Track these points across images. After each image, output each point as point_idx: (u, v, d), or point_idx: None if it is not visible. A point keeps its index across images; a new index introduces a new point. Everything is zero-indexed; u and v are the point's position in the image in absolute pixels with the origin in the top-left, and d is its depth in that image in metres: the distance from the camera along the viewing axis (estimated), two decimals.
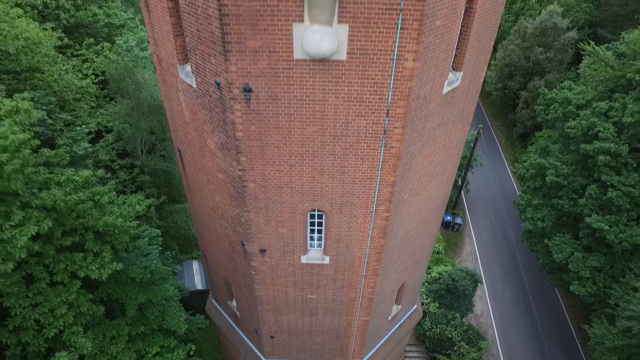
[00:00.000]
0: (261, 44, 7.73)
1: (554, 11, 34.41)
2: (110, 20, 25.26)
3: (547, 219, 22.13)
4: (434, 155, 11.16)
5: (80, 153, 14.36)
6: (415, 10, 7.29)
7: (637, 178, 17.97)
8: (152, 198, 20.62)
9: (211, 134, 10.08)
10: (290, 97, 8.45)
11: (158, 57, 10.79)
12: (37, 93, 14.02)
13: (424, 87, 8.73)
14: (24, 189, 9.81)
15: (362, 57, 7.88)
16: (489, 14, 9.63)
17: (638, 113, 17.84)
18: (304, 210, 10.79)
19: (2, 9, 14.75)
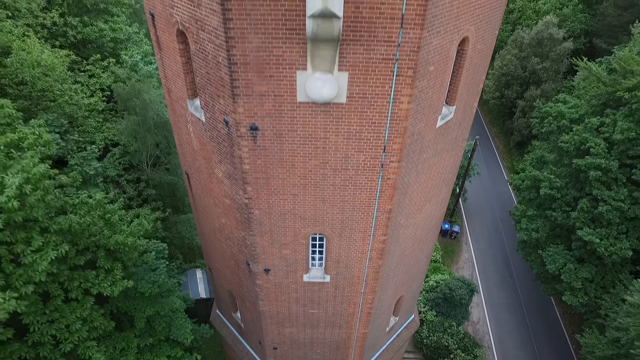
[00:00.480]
0: (267, 89, 8.37)
1: (550, 22, 35.03)
2: (116, 35, 25.90)
3: (541, 229, 22.79)
4: (429, 181, 11.81)
5: (91, 173, 15.01)
6: (409, 60, 7.94)
7: (626, 193, 18.63)
8: (158, 211, 21.31)
9: (219, 164, 10.72)
10: (294, 135, 9.09)
11: (168, 89, 11.43)
12: (51, 116, 14.67)
13: (418, 124, 9.37)
14: (43, 216, 10.46)
15: (361, 101, 8.53)
16: (481, 53, 10.27)
17: (627, 130, 18.48)
18: (306, 234, 11.44)
19: (17, 33, 15.39)
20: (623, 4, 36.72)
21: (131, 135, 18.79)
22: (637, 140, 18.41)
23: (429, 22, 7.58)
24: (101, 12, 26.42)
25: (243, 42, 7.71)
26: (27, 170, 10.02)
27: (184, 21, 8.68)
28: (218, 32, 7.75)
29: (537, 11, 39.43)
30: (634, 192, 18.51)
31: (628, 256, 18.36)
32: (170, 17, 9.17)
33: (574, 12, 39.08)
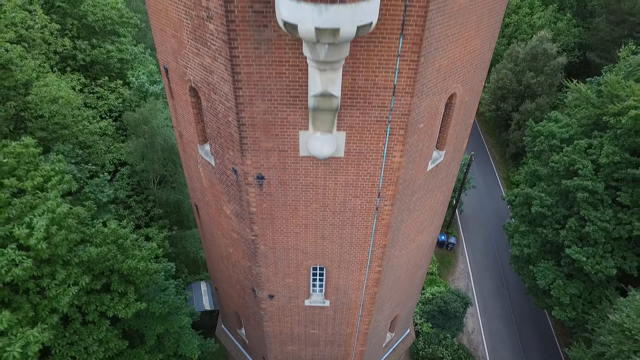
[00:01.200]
0: (272, 145, 9.30)
1: (544, 37, 35.92)
2: (123, 55, 26.81)
3: (532, 245, 23.73)
4: (421, 216, 12.73)
5: (104, 200, 15.94)
6: (401, 122, 8.86)
7: (611, 214, 19.55)
8: (165, 229, 22.24)
9: (227, 203, 11.65)
10: (297, 183, 10.02)
11: (179, 132, 12.35)
12: (66, 147, 15.59)
13: (410, 171, 10.30)
14: (66, 252, 11.38)
15: (357, 155, 9.46)
16: (468, 104, 11.19)
17: (612, 154, 19.40)
18: (307, 265, 12.37)
19: (34, 66, 16.31)
20: (615, 19, 37.61)
21: (139, 157, 19.72)
22: (621, 163, 19.34)
23: (419, 89, 8.51)
24: (108, 34, 27.35)
25: (251, 106, 8.64)
26: (52, 211, 10.95)
27: (197, 81, 9.60)
28: (229, 96, 8.67)
29: (532, 25, 40.32)
30: (618, 213, 19.43)
31: (612, 274, 19.29)
32: (183, 75, 10.08)
33: (567, 26, 39.99)
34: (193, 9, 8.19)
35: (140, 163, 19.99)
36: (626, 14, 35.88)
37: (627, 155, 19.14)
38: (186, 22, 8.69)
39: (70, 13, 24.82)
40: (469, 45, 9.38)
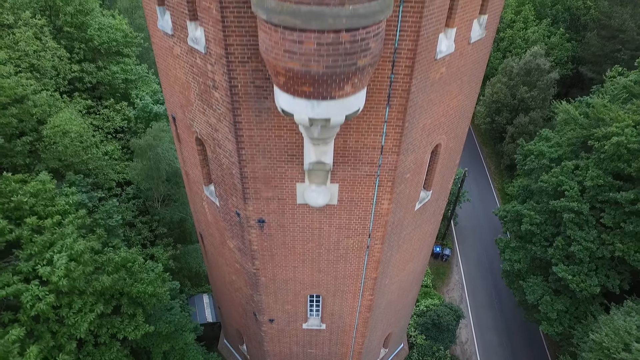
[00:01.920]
0: (272, 195, 10.25)
1: (537, 52, 36.84)
2: (127, 76, 27.73)
3: (522, 260, 24.67)
4: (410, 247, 13.68)
5: (113, 225, 16.88)
6: (388, 175, 9.81)
7: (595, 234, 20.49)
8: (169, 247, 23.19)
9: (230, 239, 12.60)
10: (294, 226, 10.97)
11: (186, 172, 13.29)
12: (77, 177, 16.53)
13: (398, 214, 11.24)
14: (83, 284, 12.33)
15: (349, 203, 10.40)
16: (453, 148, 12.12)
17: (596, 178, 20.34)
18: (305, 294, 13.33)
19: (45, 98, 17.26)
20: (606, 34, 38.51)
21: (145, 178, 20.67)
22: (605, 186, 20.26)
23: (404, 148, 9.45)
24: (113, 54, 28.24)
25: (253, 162, 9.59)
26: (71, 247, 11.90)
27: (203, 134, 10.54)
28: (232, 153, 9.62)
29: (526, 40, 41.22)
30: (602, 234, 20.36)
31: (596, 292, 20.23)
32: (190, 126, 11.02)
33: (560, 41, 40.89)
34: (200, 76, 9.12)
35: (145, 184, 20.94)
36: (616, 30, 36.79)
37: (610, 179, 20.07)
38: (194, 85, 9.62)
39: (78, 37, 25.73)
40: (452, 102, 10.32)
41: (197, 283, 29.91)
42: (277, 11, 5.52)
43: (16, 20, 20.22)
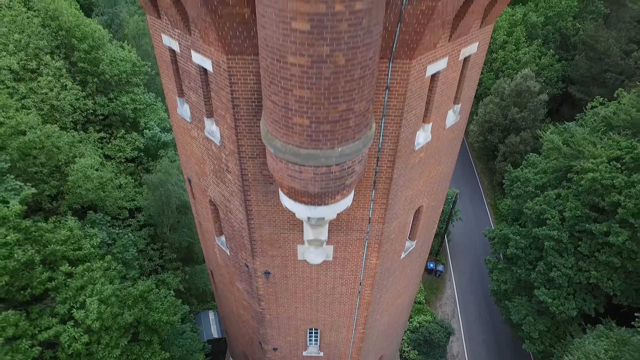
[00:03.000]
0: (277, 253, 11.92)
1: (527, 75, 38.42)
2: (136, 105, 29.39)
3: (509, 281, 26.36)
4: (398, 286, 15.34)
5: (129, 258, 18.56)
6: (376, 239, 11.47)
7: (573, 261, 22.14)
8: (178, 271, 24.87)
9: (239, 281, 14.27)
10: (296, 276, 12.64)
11: (199, 222, 14.95)
12: (97, 216, 18.21)
13: (385, 264, 12.91)
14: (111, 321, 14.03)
15: (343, 259, 12.07)
16: (435, 207, 13.77)
17: (574, 209, 21.98)
18: (305, 328, 15.01)
19: (67, 141, 18.96)
20: (594, 56, 40.08)
21: (156, 210, 22.35)
22: (582, 217, 21.89)
23: (389, 217, 11.11)
24: (124, 85, 29.91)
25: (260, 230, 11.25)
26: (100, 292, 13.59)
27: (216, 200, 12.20)
28: (242, 222, 11.27)
29: (518, 61, 42.82)
30: (579, 261, 22.00)
31: (573, 315, 21.90)
32: (204, 190, 12.68)
33: (550, 61, 42.49)
34: (215, 159, 10.78)
35: (157, 217, 22.62)
36: (602, 54, 38.36)
37: (587, 211, 21.70)
38: (209, 163, 11.28)
39: (91, 71, 27.40)
40: (432, 173, 11.97)
41: (203, 300, 31.65)
42: (282, 151, 7.19)
43: (38, 65, 21.87)
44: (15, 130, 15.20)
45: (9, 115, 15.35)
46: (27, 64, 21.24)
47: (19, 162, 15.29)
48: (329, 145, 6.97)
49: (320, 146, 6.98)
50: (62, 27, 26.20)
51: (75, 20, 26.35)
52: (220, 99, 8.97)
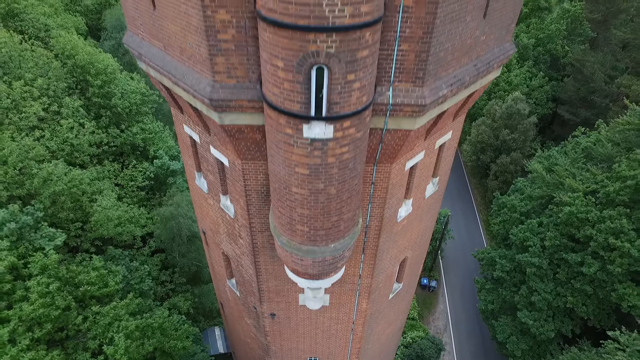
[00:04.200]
0: (281, 299, 13.82)
1: (518, 98, 40.27)
2: (145, 135, 31.27)
3: (495, 302, 28.27)
4: (388, 319, 17.25)
5: (145, 289, 20.46)
6: (365, 289, 13.37)
7: (552, 286, 24.04)
8: (187, 293, 26.78)
9: (247, 317, 16.18)
10: (297, 317, 14.56)
11: (212, 265, 16.85)
12: (117, 251, 20.11)
13: (375, 306, 14.80)
14: None
15: (338, 305, 13.98)
16: (418, 256, 15.66)
17: (554, 238, 23.86)
18: (305, 357, 16.93)
19: (90, 183, 20.88)
20: (581, 79, 41.89)
21: (167, 240, 24.27)
22: (560, 246, 23.77)
23: (377, 273, 13.01)
24: (134, 115, 31.79)
25: (267, 283, 13.15)
26: (126, 327, 15.51)
27: (228, 254, 14.09)
28: (252, 276, 13.17)
29: (510, 83, 44.68)
30: (557, 287, 23.90)
31: (551, 337, 23.81)
32: (218, 244, 14.57)
33: (541, 82, 44.34)
34: (228, 225, 12.66)
35: (167, 241, 24.55)
36: (588, 79, 40.18)
37: (564, 241, 23.57)
38: (223, 226, 13.17)
39: (104, 105, 29.30)
40: (415, 232, 13.86)
41: (209, 316, 33.57)
42: (287, 245, 9.08)
43: (59, 107, 23.76)
44: (46, 179, 17.12)
45: (40, 167, 17.27)
46: (50, 107, 23.14)
47: (50, 209, 17.21)
48: (324, 243, 8.87)
49: (317, 244, 8.88)
50: (78, 65, 28.08)
51: (90, 58, 28.21)
52: (235, 187, 10.85)
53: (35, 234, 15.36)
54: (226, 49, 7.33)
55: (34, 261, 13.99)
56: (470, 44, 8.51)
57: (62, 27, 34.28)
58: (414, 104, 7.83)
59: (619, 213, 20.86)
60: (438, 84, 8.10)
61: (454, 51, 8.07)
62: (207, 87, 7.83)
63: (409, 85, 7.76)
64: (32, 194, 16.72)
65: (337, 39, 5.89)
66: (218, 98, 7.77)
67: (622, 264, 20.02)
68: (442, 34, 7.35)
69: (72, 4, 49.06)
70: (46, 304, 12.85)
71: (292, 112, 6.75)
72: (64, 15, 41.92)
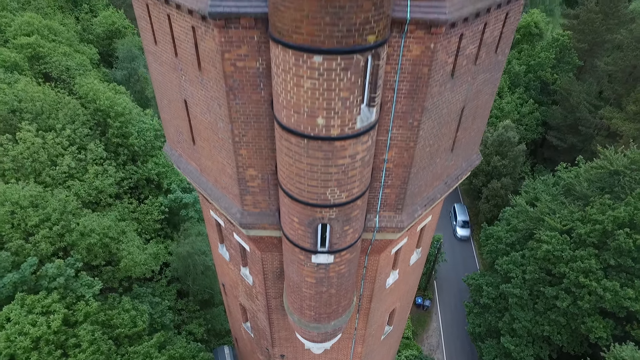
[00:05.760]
0: (290, 345, 16.35)
1: (508, 126, 42.72)
2: (159, 169, 33.79)
3: (482, 325, 30.79)
4: (381, 354, 19.76)
5: (167, 322, 22.98)
6: (360, 338, 15.90)
7: (532, 315, 26.56)
8: (201, 319, 29.35)
9: (260, 354, 18.71)
10: (304, 356, 17.08)
11: (228, 306, 19.37)
12: (142, 289, 22.62)
13: (368, 347, 17.33)
14: None
15: (337, 349, 16.50)
16: (405, 305, 18.16)
17: (533, 272, 26.36)
18: None
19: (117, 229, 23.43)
20: (569, 107, 44.28)
21: (182, 271, 26.86)
22: (539, 279, 26.26)
23: (370, 324, 15.53)
24: (148, 150, 34.31)
25: (279, 333, 15.68)
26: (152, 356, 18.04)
27: (245, 306, 16.61)
28: (265, 326, 15.69)
29: (502, 110, 47.14)
30: (536, 316, 26.39)
31: None
32: (236, 296, 17.08)
33: (531, 109, 46.80)
34: (246, 287, 15.17)
35: (182, 274, 27.12)
36: (574, 108, 42.61)
37: (543, 275, 26.06)
38: (241, 287, 15.69)
39: (122, 144, 31.82)
40: (402, 290, 16.37)
41: (219, 335, 36.18)
42: (297, 322, 11.62)
43: (85, 155, 26.30)
44: (83, 233, 19.65)
45: (78, 222, 19.80)
46: (78, 156, 25.68)
47: (86, 258, 19.73)
48: (326, 322, 11.40)
49: (321, 322, 11.41)
50: (99, 109, 30.63)
51: (110, 102, 30.74)
52: (254, 266, 13.36)
53: (76, 282, 17.84)
54: (253, 191, 9.84)
55: (79, 309, 16.56)
56: (440, 172, 11.01)
57: (81, 66, 36.74)
58: (394, 227, 10.34)
59: (589, 253, 23.30)
60: (414, 207, 10.61)
61: (426, 182, 10.56)
62: (237, 214, 10.33)
63: (391, 213, 10.27)
64: (70, 245, 19.27)
65: (336, 210, 8.39)
66: (246, 223, 10.28)
67: (589, 300, 22.51)
68: (416, 179, 9.85)
69: (85, 33, 51.52)
70: (95, 351, 15.34)
71: (304, 247, 9.26)
72: (79, 47, 44.36)
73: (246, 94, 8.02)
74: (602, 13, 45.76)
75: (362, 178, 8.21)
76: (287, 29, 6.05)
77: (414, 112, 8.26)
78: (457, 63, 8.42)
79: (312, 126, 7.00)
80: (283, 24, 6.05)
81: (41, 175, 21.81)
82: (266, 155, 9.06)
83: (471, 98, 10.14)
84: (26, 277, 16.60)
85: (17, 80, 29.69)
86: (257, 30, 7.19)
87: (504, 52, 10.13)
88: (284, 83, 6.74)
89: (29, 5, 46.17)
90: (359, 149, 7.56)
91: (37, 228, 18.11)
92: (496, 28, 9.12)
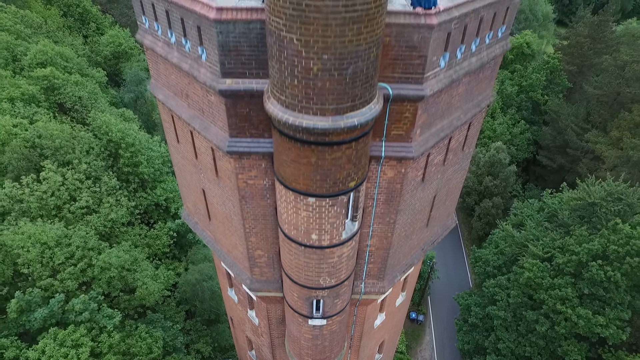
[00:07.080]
0: None
1: (500, 147, 44.68)
2: (167, 195, 35.82)
3: (471, 342, 32.81)
4: None
5: (178, 346, 25.01)
6: None
7: (515, 336, 28.57)
8: (208, 337, 31.42)
9: None
10: None
11: (236, 337, 21.43)
12: (156, 316, 24.64)
13: None
14: None
15: None
16: (393, 338, 20.20)
17: (516, 296, 28.36)
18: None
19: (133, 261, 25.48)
20: (558, 128, 46.24)
21: (191, 295, 28.90)
22: (521, 303, 28.26)
23: (361, 357, 17.58)
24: (157, 176, 36.36)
25: None
26: None
27: (251, 338, 18.66)
28: (269, 358, 17.76)
29: (494, 130, 49.08)
30: (519, 338, 28.40)
31: None
32: (243, 330, 19.13)
33: (522, 130, 48.77)
34: (253, 326, 17.22)
35: (191, 297, 29.18)
36: (563, 130, 44.56)
37: (525, 299, 28.07)
38: (248, 324, 17.74)
39: (132, 172, 33.88)
40: (389, 326, 18.41)
41: (223, 349, 38.26)
42: None
43: (100, 187, 28.35)
44: (103, 268, 21.67)
45: (98, 258, 21.82)
46: (93, 187, 27.73)
47: (106, 290, 21.73)
48: None
49: None
50: (112, 140, 32.69)
51: (122, 134, 32.79)
52: (260, 312, 15.40)
53: (98, 314, 19.87)
54: (260, 265, 11.88)
55: (102, 341, 18.64)
56: (417, 243, 13.04)
57: (92, 94, 38.77)
58: (377, 291, 12.38)
59: (566, 282, 25.27)
60: (394, 274, 12.64)
61: (404, 254, 12.60)
62: (247, 280, 12.38)
63: (374, 281, 12.31)
64: (91, 278, 21.26)
65: (328, 290, 10.43)
66: (254, 287, 12.33)
67: (565, 326, 24.50)
68: (394, 255, 11.89)
69: (93, 55, 53.56)
70: None
71: (302, 313, 11.31)
72: (88, 71, 46.36)
73: (255, 201, 10.06)
74: (590, 37, 47.71)
75: (348, 267, 10.26)
76: (289, 179, 8.10)
77: (390, 213, 10.29)
78: (427, 171, 10.46)
79: (307, 239, 9.04)
80: (286, 176, 8.09)
81: (62, 211, 23.85)
82: (271, 242, 11.09)
83: (442, 186, 12.17)
84: (54, 312, 18.65)
85: (35, 113, 31.79)
86: (264, 160, 9.22)
87: (470, 147, 12.18)
88: (286, 208, 8.78)
89: (40, 30, 48.25)
90: (344, 251, 9.61)
91: (62, 265, 20.13)
92: (461, 136, 11.16)
